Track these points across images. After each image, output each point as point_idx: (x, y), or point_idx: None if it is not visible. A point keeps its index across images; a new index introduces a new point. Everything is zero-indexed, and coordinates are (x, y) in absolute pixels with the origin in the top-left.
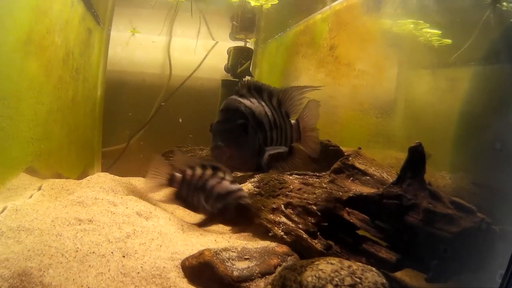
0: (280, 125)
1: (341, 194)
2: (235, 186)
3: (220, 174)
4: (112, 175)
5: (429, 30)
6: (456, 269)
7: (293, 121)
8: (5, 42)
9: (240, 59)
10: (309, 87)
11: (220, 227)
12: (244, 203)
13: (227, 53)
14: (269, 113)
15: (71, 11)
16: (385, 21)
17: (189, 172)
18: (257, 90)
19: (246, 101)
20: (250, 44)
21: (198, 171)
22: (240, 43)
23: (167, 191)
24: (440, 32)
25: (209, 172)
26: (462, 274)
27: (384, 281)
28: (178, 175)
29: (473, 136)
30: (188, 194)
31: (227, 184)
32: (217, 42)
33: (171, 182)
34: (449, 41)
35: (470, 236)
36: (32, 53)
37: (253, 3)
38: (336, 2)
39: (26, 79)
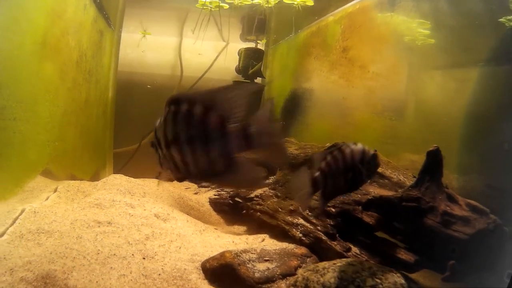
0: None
1: (360, 196)
2: (359, 144)
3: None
4: (127, 177)
5: (421, 30)
6: (471, 269)
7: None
8: (22, 45)
9: (251, 60)
10: (251, 84)
11: (235, 228)
12: (374, 152)
13: (238, 55)
14: (168, 127)
15: (84, 13)
16: (398, 23)
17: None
18: (175, 102)
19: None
20: (261, 46)
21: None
22: (251, 45)
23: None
24: (428, 32)
25: (336, 152)
26: (476, 274)
27: (403, 281)
28: (317, 175)
29: (482, 137)
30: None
31: (360, 148)
32: (227, 43)
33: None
34: (432, 40)
35: (484, 237)
36: (48, 56)
37: (264, 4)
38: (349, 4)
39: (42, 82)
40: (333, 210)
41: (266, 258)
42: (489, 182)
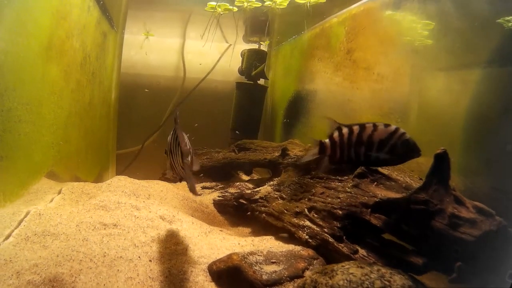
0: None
1: (367, 198)
2: (393, 127)
3: (369, 125)
4: (132, 179)
5: (421, 31)
6: (477, 271)
7: None
8: (28, 47)
9: (254, 61)
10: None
11: (240, 230)
12: (408, 137)
13: (241, 56)
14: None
15: (88, 15)
16: (403, 25)
17: (336, 134)
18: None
19: None
20: (264, 47)
21: (344, 130)
22: (254, 46)
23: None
24: (427, 33)
25: (356, 127)
26: (482, 275)
27: (411, 283)
28: (326, 141)
29: (487, 138)
30: (342, 153)
31: (383, 128)
32: (230, 44)
33: (322, 149)
34: (430, 41)
35: (490, 239)
36: (53, 58)
37: (267, 3)
38: (353, 6)
39: (48, 83)
40: (340, 212)
41: (273, 260)
42: (494, 184)
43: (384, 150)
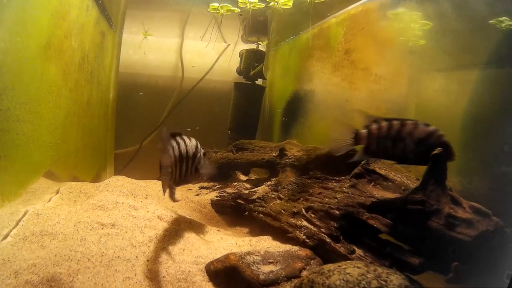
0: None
1: (364, 199)
2: (432, 127)
3: (410, 122)
4: (130, 178)
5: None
6: (474, 271)
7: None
8: (27, 47)
9: (253, 61)
10: None
11: (237, 230)
12: (445, 140)
13: (240, 56)
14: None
15: (86, 15)
16: (401, 25)
17: (374, 126)
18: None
19: None
20: (262, 47)
21: (383, 123)
22: (252, 46)
23: None
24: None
25: (396, 122)
26: (479, 275)
27: (408, 283)
28: (363, 131)
29: (484, 139)
30: (379, 146)
31: (424, 127)
32: (228, 44)
33: (357, 139)
34: (423, 41)
35: (486, 239)
36: (52, 57)
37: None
38: (351, 7)
39: (46, 83)
40: (337, 212)
41: (271, 260)
42: (491, 185)
43: (420, 149)
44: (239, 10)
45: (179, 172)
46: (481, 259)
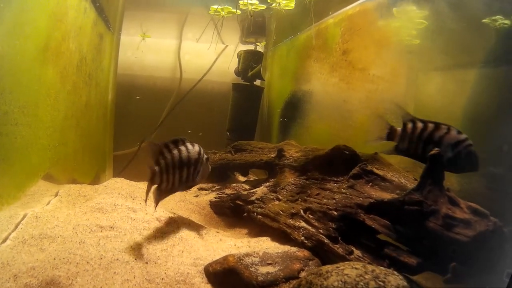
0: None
1: (361, 199)
2: (463, 136)
3: (444, 126)
4: (128, 181)
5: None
6: (472, 271)
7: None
8: (25, 50)
9: (251, 62)
10: None
11: (236, 231)
12: (473, 150)
13: (238, 57)
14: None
15: (84, 17)
16: (398, 25)
17: (409, 125)
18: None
19: None
20: (260, 48)
21: (419, 124)
22: (251, 47)
23: None
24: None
25: (431, 124)
26: (477, 276)
27: (406, 284)
28: (398, 129)
29: (482, 138)
30: (410, 146)
31: (455, 134)
32: (227, 45)
33: (390, 136)
34: (424, 42)
35: (484, 239)
36: (49, 60)
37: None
38: (349, 7)
39: (44, 86)
40: (335, 213)
41: (269, 262)
42: (489, 184)
43: (448, 154)
44: (237, 11)
45: (174, 180)
46: (479, 260)
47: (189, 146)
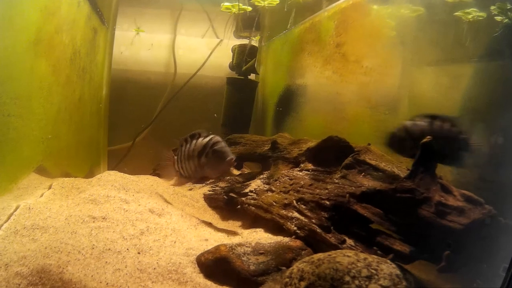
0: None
1: (354, 189)
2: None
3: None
4: (122, 173)
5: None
6: (466, 260)
7: None
8: (16, 42)
9: (245, 57)
10: None
11: (230, 223)
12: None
13: (232, 51)
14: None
15: (77, 11)
16: (391, 18)
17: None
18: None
19: None
20: (254, 42)
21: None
22: (245, 41)
23: None
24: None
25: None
26: (471, 265)
27: (399, 272)
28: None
29: (475, 131)
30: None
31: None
32: (221, 40)
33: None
34: (417, 34)
35: (479, 227)
36: (42, 53)
37: (256, 3)
38: (342, 0)
39: (36, 78)
40: (328, 203)
41: (261, 252)
42: (483, 175)
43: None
44: (247, 8)
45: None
46: (474, 248)
47: (200, 139)
